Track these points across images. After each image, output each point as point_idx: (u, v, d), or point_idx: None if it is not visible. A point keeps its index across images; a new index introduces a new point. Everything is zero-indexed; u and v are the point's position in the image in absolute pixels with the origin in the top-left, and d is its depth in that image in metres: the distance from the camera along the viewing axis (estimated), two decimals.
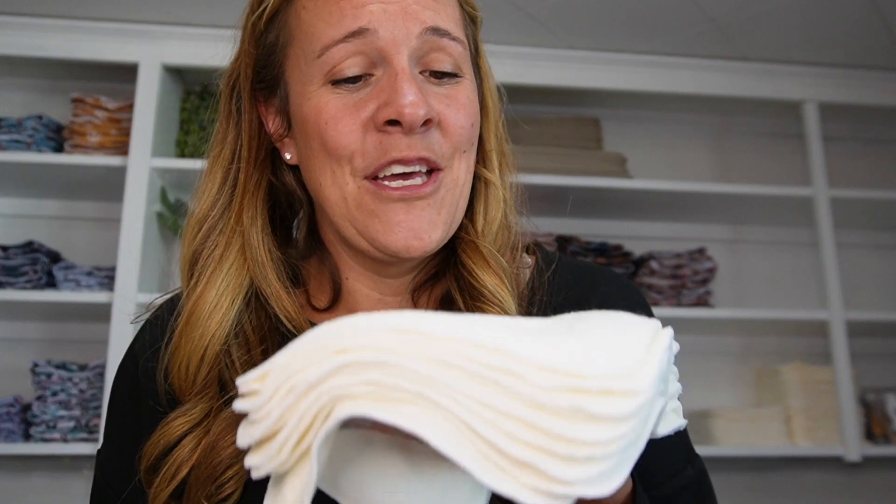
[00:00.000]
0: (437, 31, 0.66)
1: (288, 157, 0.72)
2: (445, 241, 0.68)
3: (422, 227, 0.65)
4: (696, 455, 0.72)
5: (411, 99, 0.62)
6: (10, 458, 2.19)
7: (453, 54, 0.67)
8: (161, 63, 2.33)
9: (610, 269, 0.80)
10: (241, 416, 0.61)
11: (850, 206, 2.56)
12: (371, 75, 0.65)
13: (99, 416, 2.12)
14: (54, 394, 2.14)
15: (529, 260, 0.76)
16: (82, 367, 2.18)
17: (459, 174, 0.68)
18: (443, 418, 0.40)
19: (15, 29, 2.30)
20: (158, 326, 0.72)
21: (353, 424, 0.45)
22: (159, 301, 0.77)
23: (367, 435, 0.49)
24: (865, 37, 2.45)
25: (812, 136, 2.57)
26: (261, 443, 0.44)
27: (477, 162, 0.72)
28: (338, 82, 0.65)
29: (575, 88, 2.51)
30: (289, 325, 0.68)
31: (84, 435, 2.12)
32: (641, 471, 0.65)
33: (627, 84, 2.54)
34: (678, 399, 0.54)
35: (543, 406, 0.39)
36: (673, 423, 0.51)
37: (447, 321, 0.41)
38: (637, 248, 2.52)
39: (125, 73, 2.35)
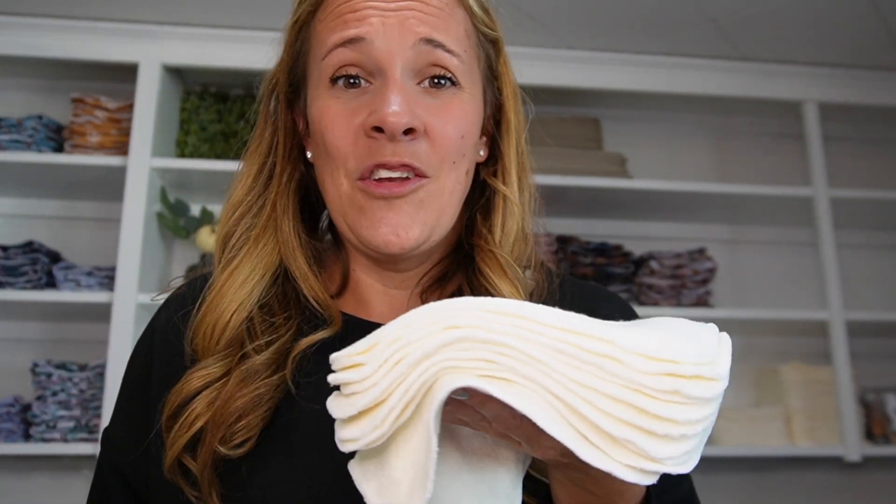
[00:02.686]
0: (430, 41, 0.70)
1: (309, 154, 0.78)
2: (430, 242, 0.72)
3: (400, 224, 0.69)
4: (687, 474, 0.75)
5: (394, 109, 0.66)
6: (10, 458, 2.19)
7: (448, 66, 0.71)
8: (161, 63, 2.33)
9: (611, 291, 0.85)
10: (252, 373, 0.66)
11: (850, 206, 2.56)
12: (370, 83, 0.70)
13: (99, 416, 2.12)
14: (54, 394, 2.14)
15: (532, 282, 0.78)
16: (82, 367, 2.18)
17: (447, 183, 0.72)
18: (546, 399, 0.43)
19: (15, 29, 2.30)
20: (179, 300, 0.78)
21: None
22: (178, 283, 0.83)
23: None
24: (865, 37, 2.45)
25: (812, 136, 2.57)
26: (359, 415, 0.46)
27: (494, 176, 0.77)
28: (336, 80, 0.70)
29: (575, 88, 2.51)
30: (314, 303, 0.74)
31: (84, 435, 2.12)
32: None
33: (627, 84, 2.54)
34: None
35: (643, 388, 0.43)
36: None
37: (554, 312, 0.45)
38: (637, 248, 2.52)
39: (125, 73, 2.35)
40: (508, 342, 0.44)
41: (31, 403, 2.16)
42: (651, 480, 0.43)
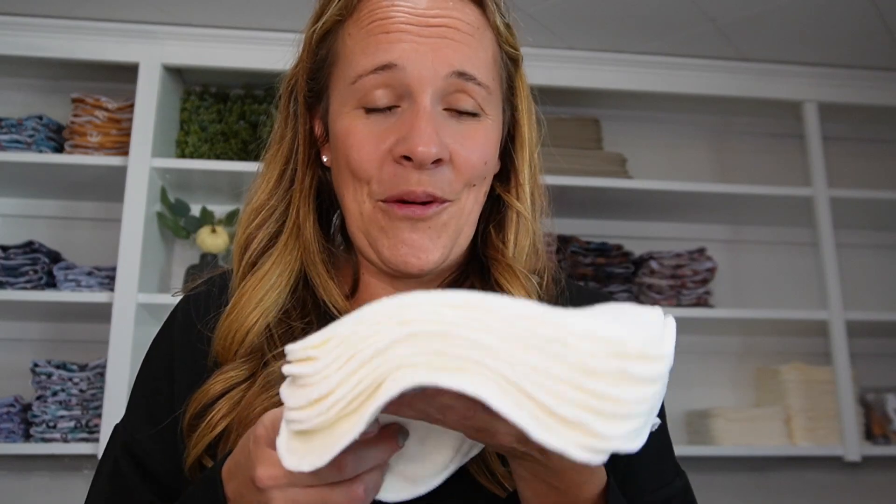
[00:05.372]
0: (462, 75, 0.70)
1: (325, 160, 0.79)
2: (448, 261, 0.74)
3: (421, 246, 0.71)
4: (682, 471, 0.77)
5: (424, 139, 0.68)
6: (10, 458, 2.19)
7: (476, 97, 0.72)
8: (161, 63, 2.33)
9: (609, 293, 0.85)
10: (274, 380, 0.67)
11: (849, 206, 2.56)
12: (398, 106, 0.71)
13: (99, 416, 2.12)
14: (54, 394, 2.14)
15: (544, 295, 0.80)
16: (82, 367, 2.18)
17: (466, 205, 0.73)
18: (499, 384, 0.44)
19: (15, 29, 2.30)
20: (199, 299, 0.79)
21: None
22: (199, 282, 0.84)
23: None
24: (865, 37, 2.45)
25: (812, 136, 2.57)
26: (311, 403, 0.48)
27: (509, 192, 0.79)
28: (369, 111, 0.71)
29: (575, 88, 2.51)
30: (332, 309, 0.75)
31: (84, 435, 2.12)
32: (631, 480, 0.70)
33: (627, 84, 2.54)
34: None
35: (590, 369, 0.44)
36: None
37: (503, 300, 0.46)
38: (637, 248, 2.52)
39: (125, 73, 2.35)
40: (459, 333, 0.45)
41: (31, 403, 2.16)
42: (601, 459, 0.44)
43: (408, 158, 0.68)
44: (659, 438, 0.75)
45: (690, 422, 2.48)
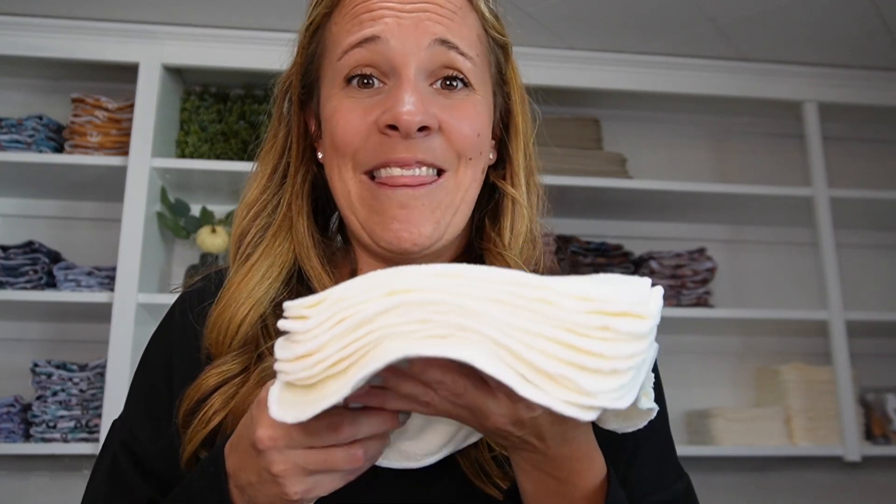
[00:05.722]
0: (445, 42, 0.71)
1: (320, 156, 0.79)
2: (442, 241, 0.73)
3: (412, 221, 0.70)
4: (685, 473, 0.77)
5: (408, 107, 0.68)
6: (10, 458, 2.19)
7: (461, 69, 0.72)
8: (161, 63, 2.33)
9: None
10: (269, 375, 0.67)
11: (849, 206, 2.56)
12: (384, 83, 0.71)
13: (99, 415, 2.12)
14: (54, 394, 2.14)
15: None
16: (82, 367, 2.18)
17: (463, 180, 0.73)
18: (486, 346, 0.45)
19: (15, 29, 2.30)
20: (196, 295, 0.80)
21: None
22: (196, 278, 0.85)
23: None
24: (865, 37, 2.45)
25: (812, 136, 2.57)
26: (296, 359, 0.50)
27: (504, 179, 0.79)
28: (350, 80, 0.72)
29: (575, 88, 2.51)
30: None
31: (84, 435, 2.12)
32: (632, 481, 0.70)
33: (627, 84, 2.54)
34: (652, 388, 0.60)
35: (575, 326, 0.45)
36: (650, 403, 0.58)
37: (489, 269, 0.48)
38: (637, 248, 2.52)
39: (125, 73, 2.35)
40: (445, 299, 0.46)
41: (31, 403, 2.16)
42: (591, 416, 0.45)
43: (393, 128, 0.68)
44: (660, 439, 0.75)
45: (690, 422, 2.48)
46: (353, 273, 0.79)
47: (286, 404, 0.50)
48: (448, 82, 0.72)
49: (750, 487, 2.50)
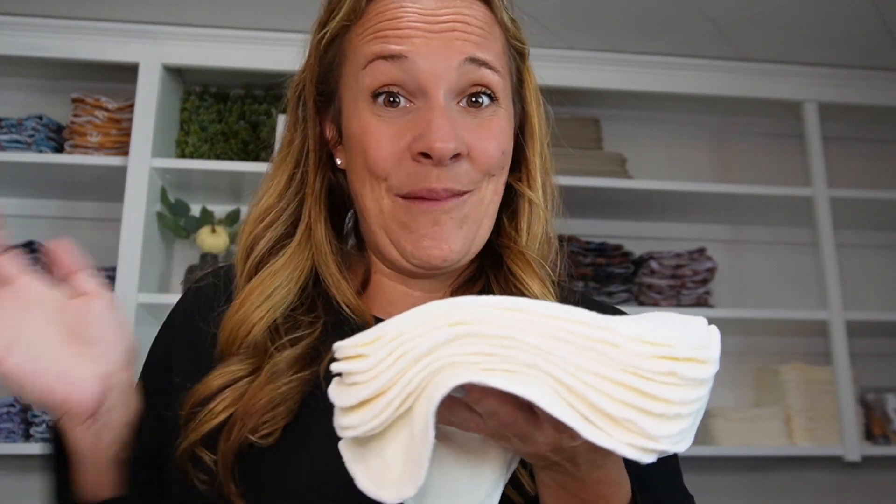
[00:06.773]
0: (475, 60, 0.71)
1: (339, 162, 0.79)
2: (469, 255, 0.75)
3: (443, 237, 0.71)
4: (690, 495, 0.78)
5: (442, 135, 0.68)
6: (10, 458, 2.19)
7: (490, 84, 0.72)
8: (161, 63, 2.33)
9: (620, 310, 0.85)
10: (279, 371, 0.68)
11: (849, 206, 2.56)
12: (412, 103, 0.71)
13: None
14: None
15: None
16: None
17: (486, 194, 0.74)
18: (547, 384, 0.45)
19: (15, 29, 2.30)
20: (203, 292, 0.80)
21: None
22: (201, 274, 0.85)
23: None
24: (865, 37, 2.45)
25: (812, 136, 2.57)
26: (359, 405, 0.48)
27: (521, 181, 0.80)
28: (377, 96, 0.71)
29: (575, 88, 2.50)
30: (343, 306, 0.75)
31: None
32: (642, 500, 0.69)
33: (627, 84, 2.54)
34: None
35: (641, 371, 0.45)
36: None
37: (554, 305, 0.47)
38: (637, 248, 2.52)
39: (125, 73, 2.35)
40: (510, 334, 0.45)
41: (31, 403, 2.16)
42: (650, 458, 0.45)
43: (426, 155, 0.69)
44: (670, 461, 0.75)
45: None
46: (367, 278, 0.81)
47: (359, 459, 0.49)
48: (474, 99, 0.72)
49: (750, 487, 2.50)
